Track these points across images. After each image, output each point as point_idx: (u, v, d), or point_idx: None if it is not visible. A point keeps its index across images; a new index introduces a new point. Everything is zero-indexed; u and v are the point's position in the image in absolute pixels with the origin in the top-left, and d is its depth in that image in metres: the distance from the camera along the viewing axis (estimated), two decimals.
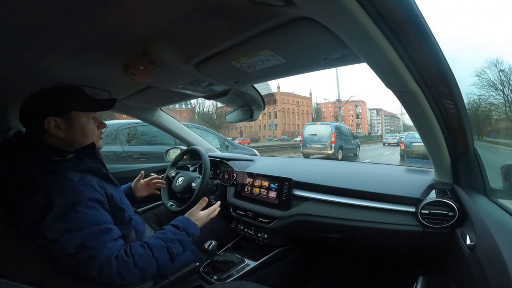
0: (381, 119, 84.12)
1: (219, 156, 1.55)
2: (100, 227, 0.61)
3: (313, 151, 8.67)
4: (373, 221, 0.88)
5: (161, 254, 0.67)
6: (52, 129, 0.65)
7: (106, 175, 0.73)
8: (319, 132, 8.78)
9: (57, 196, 0.58)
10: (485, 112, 6.10)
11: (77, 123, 0.69)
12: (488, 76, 5.86)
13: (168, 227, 0.76)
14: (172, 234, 0.72)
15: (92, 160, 0.69)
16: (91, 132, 0.73)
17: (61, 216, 0.57)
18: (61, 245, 0.56)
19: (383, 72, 0.59)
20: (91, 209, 0.61)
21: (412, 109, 0.68)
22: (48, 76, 0.88)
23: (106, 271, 0.58)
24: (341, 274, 1.24)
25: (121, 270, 0.59)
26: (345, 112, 70.40)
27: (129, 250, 0.63)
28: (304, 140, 9.07)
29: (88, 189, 0.62)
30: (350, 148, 9.62)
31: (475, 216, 0.65)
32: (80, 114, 0.70)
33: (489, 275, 0.49)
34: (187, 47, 0.70)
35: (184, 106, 34.26)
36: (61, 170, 0.62)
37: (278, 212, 1.07)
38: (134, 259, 0.62)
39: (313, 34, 0.55)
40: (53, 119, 0.65)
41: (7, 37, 0.60)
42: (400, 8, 0.43)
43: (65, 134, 0.67)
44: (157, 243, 0.68)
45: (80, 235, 0.57)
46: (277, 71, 0.80)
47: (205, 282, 0.96)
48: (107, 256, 0.58)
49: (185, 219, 0.80)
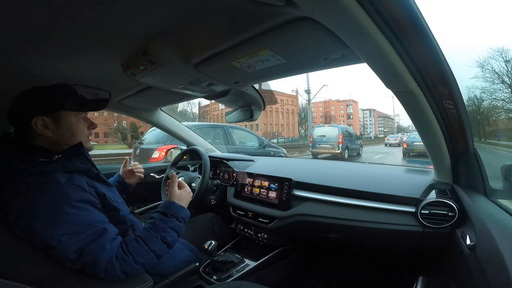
0: (374, 119, 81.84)
1: (219, 156, 1.55)
2: (95, 228, 0.60)
3: (322, 151, 9.76)
4: (373, 221, 0.88)
5: (157, 246, 0.67)
6: (40, 128, 0.64)
7: (97, 175, 0.71)
8: (328, 134, 9.87)
9: (43, 201, 0.56)
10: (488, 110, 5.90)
11: (66, 122, 0.68)
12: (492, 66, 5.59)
13: (156, 215, 0.74)
14: (162, 223, 0.71)
15: (81, 161, 0.68)
16: (80, 132, 0.71)
17: (52, 221, 0.56)
18: (60, 250, 0.55)
19: (383, 72, 0.59)
20: (82, 210, 0.60)
21: (412, 109, 0.68)
22: (48, 76, 0.88)
23: (110, 271, 0.59)
24: (341, 274, 1.24)
25: (124, 268, 0.61)
26: (336, 112, 68.00)
27: (126, 248, 0.63)
28: (314, 140, 10.17)
29: (76, 190, 0.61)
30: (354, 148, 10.83)
31: (475, 216, 0.65)
32: (69, 113, 0.68)
33: (489, 275, 0.49)
34: (187, 47, 0.70)
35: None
36: (48, 172, 0.60)
37: (278, 212, 1.07)
38: (133, 256, 0.63)
39: (313, 34, 0.55)
40: (41, 118, 0.64)
41: (7, 37, 0.60)
42: (400, 8, 0.43)
43: (53, 134, 0.66)
44: (150, 235, 0.68)
45: (77, 240, 0.57)
46: (277, 71, 0.80)
47: (205, 282, 0.96)
48: (108, 258, 0.59)
49: (171, 203, 0.77)
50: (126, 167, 1.08)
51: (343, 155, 9.49)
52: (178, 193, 0.82)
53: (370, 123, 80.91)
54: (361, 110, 78.98)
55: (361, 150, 11.83)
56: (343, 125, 13.53)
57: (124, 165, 1.09)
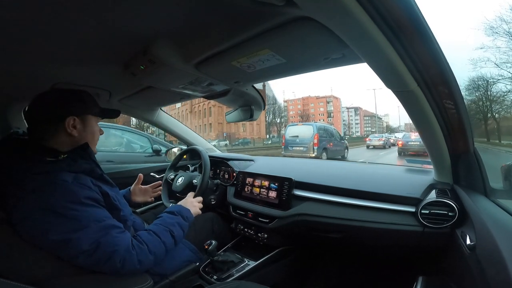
0: (360, 119, 76.54)
1: (219, 156, 1.55)
2: (104, 222, 0.62)
3: (295, 154, 8.03)
4: (373, 221, 0.88)
5: (167, 238, 0.73)
6: (70, 128, 0.68)
7: (101, 176, 0.73)
8: (301, 134, 8.26)
9: (54, 198, 0.58)
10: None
11: (90, 125, 0.74)
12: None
13: (164, 214, 0.82)
14: (170, 219, 0.79)
15: (86, 161, 0.69)
16: (97, 136, 0.78)
17: (63, 217, 0.57)
18: (74, 243, 0.57)
19: (383, 72, 0.59)
20: (90, 207, 0.61)
21: (412, 109, 0.68)
22: (48, 76, 0.88)
23: (128, 261, 0.62)
24: (341, 274, 1.24)
25: (140, 257, 0.64)
26: (315, 110, 62.64)
27: (140, 238, 0.68)
28: (286, 142, 8.55)
29: (83, 188, 0.62)
30: (336, 150, 9.18)
31: (475, 216, 0.65)
32: (93, 117, 0.75)
33: (489, 275, 0.49)
34: (187, 47, 0.70)
35: None
36: (54, 171, 0.62)
37: (278, 212, 1.07)
38: (148, 245, 0.67)
39: (313, 34, 0.55)
40: (73, 118, 0.68)
41: (7, 36, 0.60)
42: (400, 8, 0.43)
43: (78, 134, 0.70)
44: (160, 228, 0.74)
45: (91, 232, 0.58)
46: (277, 71, 0.80)
47: (205, 282, 0.96)
48: (125, 247, 0.62)
49: (178, 206, 0.88)
50: (138, 184, 1.10)
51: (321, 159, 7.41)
52: (190, 200, 0.95)
53: (356, 123, 76.47)
54: (345, 109, 74.48)
55: (347, 153, 10.18)
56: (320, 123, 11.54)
57: (137, 182, 1.10)
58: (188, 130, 1.67)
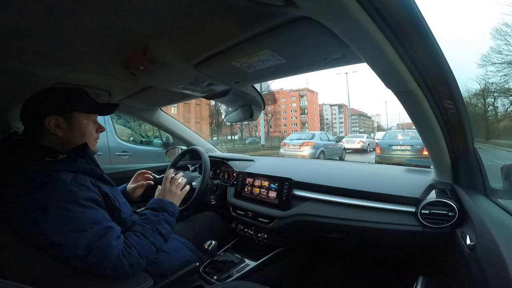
0: (344, 117, 64.39)
1: (219, 156, 1.55)
2: (101, 226, 0.61)
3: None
4: (373, 221, 0.88)
5: (155, 238, 0.71)
6: (52, 127, 0.66)
7: (101, 176, 0.72)
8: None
9: (52, 198, 0.57)
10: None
11: (77, 123, 0.70)
12: None
13: (147, 211, 0.78)
14: (155, 217, 0.76)
15: (85, 161, 0.69)
16: (89, 134, 0.74)
17: (60, 218, 0.57)
18: (68, 247, 0.56)
19: (383, 72, 0.59)
20: (88, 208, 0.61)
21: (412, 109, 0.68)
22: (48, 76, 0.88)
23: (119, 267, 0.61)
24: (341, 274, 1.24)
25: (131, 263, 0.63)
26: (287, 106, 50.71)
27: (128, 242, 0.65)
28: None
29: (82, 189, 0.62)
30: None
31: (475, 216, 0.65)
32: (81, 115, 0.71)
33: (489, 275, 0.49)
34: (187, 47, 0.70)
35: None
36: (53, 171, 0.61)
37: (278, 212, 1.07)
38: (137, 249, 0.65)
39: (313, 34, 0.55)
40: (54, 117, 0.66)
41: (7, 36, 0.60)
42: (400, 8, 0.43)
43: (64, 134, 0.68)
44: (146, 229, 0.71)
45: (85, 236, 0.58)
46: (277, 71, 0.80)
47: (205, 282, 0.96)
48: (116, 254, 0.61)
49: (158, 199, 0.84)
50: (134, 183, 1.06)
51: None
52: (168, 188, 0.87)
53: (340, 121, 66.32)
54: (328, 106, 65.28)
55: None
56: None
57: (133, 181, 1.06)
58: (188, 130, 1.67)
